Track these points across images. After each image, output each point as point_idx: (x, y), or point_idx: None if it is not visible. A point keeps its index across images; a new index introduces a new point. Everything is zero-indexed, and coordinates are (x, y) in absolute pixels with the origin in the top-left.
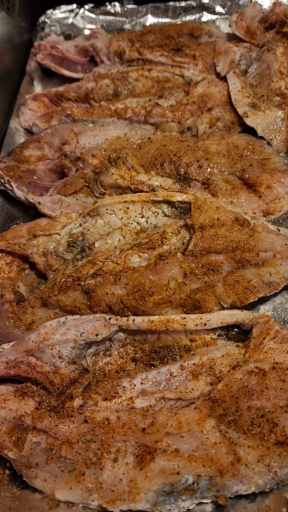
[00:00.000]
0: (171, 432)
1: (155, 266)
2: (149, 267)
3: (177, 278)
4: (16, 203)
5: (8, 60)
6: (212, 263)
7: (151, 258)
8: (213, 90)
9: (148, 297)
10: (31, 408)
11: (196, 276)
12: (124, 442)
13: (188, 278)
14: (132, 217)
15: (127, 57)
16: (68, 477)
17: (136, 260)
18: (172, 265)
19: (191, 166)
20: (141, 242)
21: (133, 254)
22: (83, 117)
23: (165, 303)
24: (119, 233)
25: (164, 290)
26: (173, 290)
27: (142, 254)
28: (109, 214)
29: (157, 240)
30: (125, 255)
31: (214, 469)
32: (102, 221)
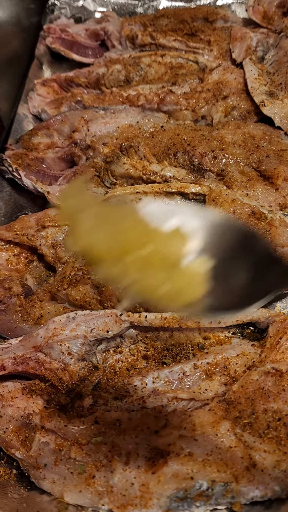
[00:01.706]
0: (184, 435)
1: None
2: None
3: None
4: (24, 192)
5: (16, 43)
6: None
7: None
8: (229, 77)
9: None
10: (39, 407)
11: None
12: (135, 444)
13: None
14: None
15: (139, 41)
16: (78, 480)
17: None
18: None
19: (205, 157)
20: None
21: None
22: (94, 103)
23: None
24: None
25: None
26: None
27: None
28: None
29: None
30: None
31: (229, 474)
32: None
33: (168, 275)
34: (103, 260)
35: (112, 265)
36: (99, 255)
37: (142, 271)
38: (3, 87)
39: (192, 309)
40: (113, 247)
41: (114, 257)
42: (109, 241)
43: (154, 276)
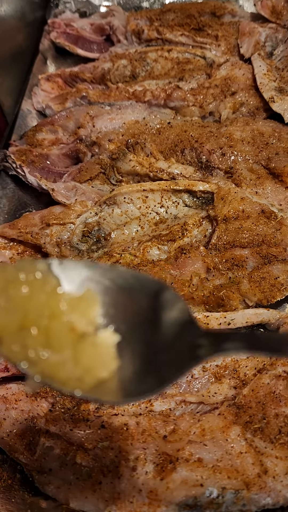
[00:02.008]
0: (193, 440)
1: (176, 260)
2: (169, 260)
3: (200, 273)
4: (28, 189)
5: (20, 38)
6: (237, 258)
7: (171, 251)
8: (237, 73)
9: None
10: (44, 410)
11: (220, 272)
12: (143, 449)
13: (211, 273)
14: (151, 206)
15: (145, 36)
16: (84, 486)
17: (155, 252)
18: (195, 260)
19: (213, 154)
20: (160, 233)
21: (152, 247)
22: (99, 99)
23: (187, 300)
24: (136, 223)
25: (187, 286)
26: (196, 286)
27: (161, 246)
28: (127, 203)
29: (178, 232)
30: (143, 247)
31: (240, 481)
32: (119, 210)
33: (74, 351)
34: (1, 337)
35: (11, 343)
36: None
37: (45, 348)
38: (7, 83)
39: (101, 391)
40: (12, 322)
41: (13, 333)
42: (7, 316)
43: (59, 353)
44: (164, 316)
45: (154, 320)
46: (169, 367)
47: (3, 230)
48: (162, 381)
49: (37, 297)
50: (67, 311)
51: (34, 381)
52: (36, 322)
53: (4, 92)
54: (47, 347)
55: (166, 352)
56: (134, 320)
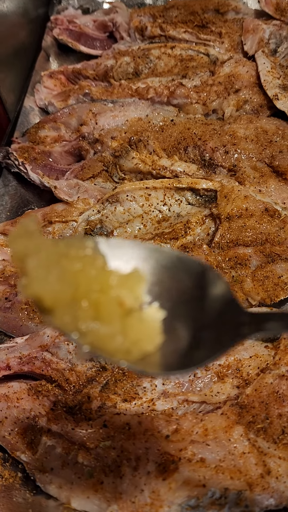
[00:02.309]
0: (196, 440)
1: None
2: None
3: None
4: (30, 187)
5: (23, 34)
6: (240, 257)
7: (173, 249)
8: (241, 70)
9: None
10: (46, 409)
11: (223, 270)
12: (145, 449)
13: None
14: (153, 204)
15: (148, 33)
16: (85, 485)
17: None
18: (198, 258)
19: (217, 152)
20: (163, 232)
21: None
22: (102, 96)
23: None
24: (139, 221)
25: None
26: None
27: (164, 244)
28: (130, 201)
29: (181, 230)
30: None
31: (242, 482)
32: (122, 208)
33: (122, 324)
34: (54, 308)
35: (63, 314)
36: (49, 303)
37: (95, 321)
38: (10, 79)
39: (146, 364)
40: (65, 294)
41: (65, 305)
42: (60, 288)
43: (108, 326)
44: (207, 295)
45: (198, 298)
46: (212, 343)
47: (5, 228)
48: (204, 357)
49: (87, 272)
50: (116, 287)
51: (83, 351)
52: (87, 296)
53: (7, 89)
54: (97, 320)
55: (209, 329)
56: (178, 298)
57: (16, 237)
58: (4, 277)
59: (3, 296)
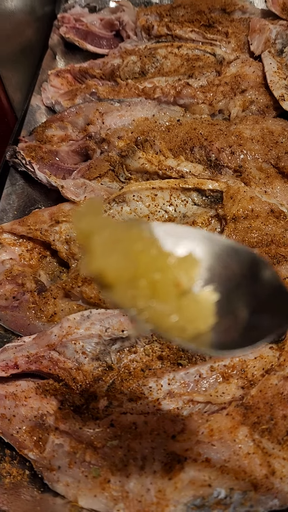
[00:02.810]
0: (202, 440)
1: None
2: None
3: None
4: (37, 186)
5: (30, 32)
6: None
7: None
8: (247, 71)
9: None
10: (54, 408)
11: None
12: (152, 448)
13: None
14: (160, 204)
15: (155, 32)
16: (92, 484)
17: None
18: None
19: (223, 152)
20: None
21: None
22: (109, 95)
23: None
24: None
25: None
26: None
27: None
28: (136, 201)
29: None
30: None
31: (247, 482)
32: (128, 208)
33: (178, 304)
34: (115, 285)
35: (123, 291)
36: (111, 279)
37: (152, 299)
38: (17, 78)
39: (199, 342)
40: (126, 272)
41: (125, 282)
42: (122, 265)
43: (164, 304)
44: (257, 281)
45: (248, 284)
46: (263, 327)
47: (12, 227)
48: (254, 339)
49: (147, 252)
50: (173, 268)
51: (141, 326)
52: (145, 275)
53: (14, 87)
54: (154, 298)
55: (259, 314)
56: (230, 283)
57: (81, 216)
58: (12, 276)
59: (10, 295)
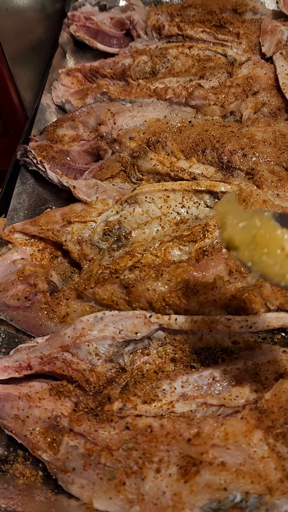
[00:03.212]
0: (217, 443)
1: (198, 262)
2: (191, 261)
3: (223, 276)
4: (47, 185)
5: (40, 30)
6: None
7: (192, 251)
8: (259, 72)
9: (192, 295)
10: (68, 409)
11: (242, 275)
12: (167, 452)
13: (233, 276)
14: (172, 206)
15: (166, 32)
16: (108, 486)
17: (177, 253)
18: (217, 262)
19: (235, 154)
20: (182, 234)
21: (174, 247)
22: (120, 95)
23: (209, 302)
24: (157, 223)
25: (210, 289)
26: (219, 289)
27: (182, 247)
28: (148, 202)
29: (199, 232)
30: (165, 248)
31: (263, 486)
32: (141, 209)
33: (282, 260)
34: (239, 247)
35: (244, 251)
36: (237, 243)
37: (263, 256)
38: (27, 76)
39: None
40: (247, 239)
41: (246, 245)
42: (245, 235)
43: (272, 260)
44: None
45: None
46: None
47: (24, 227)
48: None
49: (263, 227)
50: (280, 238)
51: (254, 274)
52: (261, 241)
53: (25, 85)
54: (266, 255)
55: None
56: None
57: (224, 202)
58: (24, 276)
59: (22, 295)
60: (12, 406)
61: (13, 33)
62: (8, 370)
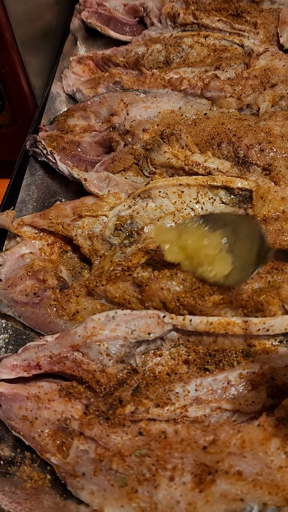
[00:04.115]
0: (233, 452)
1: None
2: None
3: None
4: (56, 177)
5: (51, 16)
6: (277, 262)
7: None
8: (277, 64)
9: (208, 296)
10: (79, 412)
11: (259, 275)
12: (181, 459)
13: (250, 276)
14: (186, 202)
15: (181, 20)
16: (119, 493)
17: None
18: None
19: (251, 149)
20: None
21: None
22: (134, 85)
23: (225, 304)
24: (170, 218)
25: (226, 290)
26: (236, 290)
27: None
28: (162, 197)
29: None
30: None
31: (280, 497)
32: (154, 204)
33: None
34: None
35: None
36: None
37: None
38: (38, 63)
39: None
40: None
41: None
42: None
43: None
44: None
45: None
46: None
47: (33, 220)
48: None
49: (190, 240)
50: (204, 246)
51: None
52: (192, 254)
53: (35, 73)
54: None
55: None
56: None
57: (157, 230)
58: (33, 272)
59: (31, 291)
60: (20, 406)
61: (25, 18)
62: (16, 369)
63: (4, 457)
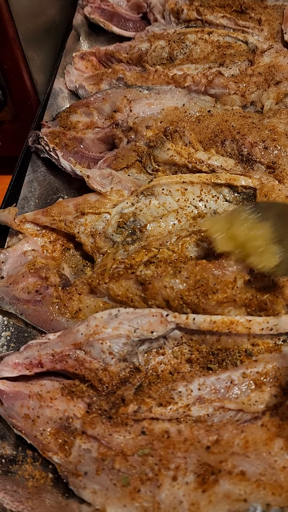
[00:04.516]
0: (237, 452)
1: (217, 259)
2: (210, 258)
3: (244, 275)
4: (59, 174)
5: (54, 11)
6: None
7: (210, 247)
8: (282, 61)
9: (211, 294)
10: (81, 411)
11: (263, 274)
12: (184, 459)
13: (254, 275)
14: (189, 199)
15: (184, 16)
16: (122, 492)
17: (194, 249)
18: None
19: (255, 147)
20: (200, 229)
21: (191, 242)
22: (137, 82)
23: (229, 302)
24: (174, 216)
25: (230, 288)
26: (239, 288)
27: (200, 243)
28: (165, 194)
29: None
30: (182, 243)
31: (284, 498)
32: (157, 201)
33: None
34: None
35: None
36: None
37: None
38: (40, 58)
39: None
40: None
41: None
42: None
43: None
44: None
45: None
46: None
47: (36, 217)
48: None
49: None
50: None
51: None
52: (243, 244)
53: (37, 69)
54: (251, 254)
55: None
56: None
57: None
58: (35, 269)
59: (33, 289)
60: (22, 405)
61: (28, 13)
62: (18, 367)
63: (6, 456)
